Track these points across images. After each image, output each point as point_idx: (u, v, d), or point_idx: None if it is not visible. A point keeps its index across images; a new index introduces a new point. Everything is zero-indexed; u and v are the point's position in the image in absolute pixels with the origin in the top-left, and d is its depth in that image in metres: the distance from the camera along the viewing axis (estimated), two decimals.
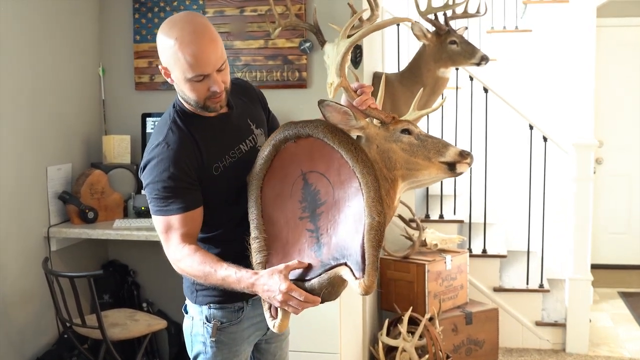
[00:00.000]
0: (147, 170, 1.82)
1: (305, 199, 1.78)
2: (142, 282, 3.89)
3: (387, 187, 1.80)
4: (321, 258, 1.71)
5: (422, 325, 3.63)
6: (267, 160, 1.84)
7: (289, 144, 1.83)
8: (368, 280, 1.65)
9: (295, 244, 1.77)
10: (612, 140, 6.24)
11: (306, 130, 1.80)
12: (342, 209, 1.73)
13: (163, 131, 1.85)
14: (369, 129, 1.85)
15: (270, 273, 1.69)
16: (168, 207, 1.80)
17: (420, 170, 1.81)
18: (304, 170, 1.80)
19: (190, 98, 1.82)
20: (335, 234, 1.72)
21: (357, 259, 1.66)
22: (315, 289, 1.70)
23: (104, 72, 3.85)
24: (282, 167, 1.82)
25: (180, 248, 1.80)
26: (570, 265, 4.46)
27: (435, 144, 1.81)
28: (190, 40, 1.73)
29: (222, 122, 1.92)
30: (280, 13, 3.48)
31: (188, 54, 1.73)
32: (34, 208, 3.35)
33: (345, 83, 1.87)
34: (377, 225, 1.66)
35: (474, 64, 3.58)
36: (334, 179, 1.75)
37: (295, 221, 1.78)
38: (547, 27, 5.43)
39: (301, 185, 1.79)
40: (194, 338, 1.98)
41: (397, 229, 4.38)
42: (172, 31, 1.76)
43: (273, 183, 1.83)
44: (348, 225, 1.70)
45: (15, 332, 3.23)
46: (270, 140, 1.85)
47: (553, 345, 4.50)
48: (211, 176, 1.85)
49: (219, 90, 1.79)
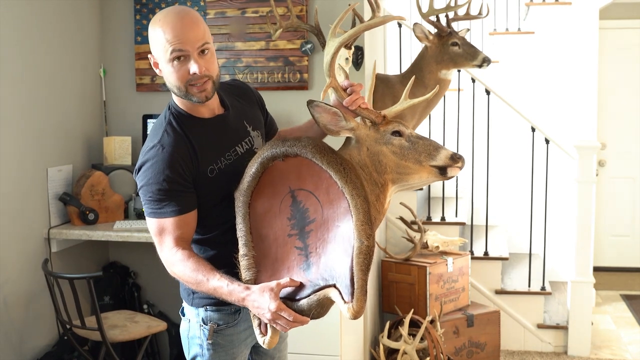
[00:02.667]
0: (141, 172, 1.82)
1: (294, 216, 1.75)
2: (142, 284, 3.89)
3: (377, 192, 1.79)
4: (310, 277, 1.69)
5: (424, 327, 3.61)
6: (255, 177, 1.79)
7: (277, 161, 1.79)
8: (357, 305, 1.62)
9: (284, 261, 1.75)
10: (615, 142, 6.22)
11: (294, 149, 1.75)
12: (331, 228, 1.70)
13: (158, 133, 1.84)
14: (359, 130, 1.83)
15: (261, 290, 1.68)
16: (162, 209, 1.79)
17: (410, 174, 1.79)
18: (292, 188, 1.76)
19: (172, 83, 1.81)
20: (324, 254, 1.69)
21: (346, 282, 1.64)
22: (304, 310, 1.69)
23: (105, 73, 3.85)
24: (271, 184, 1.78)
25: (174, 252, 1.79)
26: (573, 267, 4.45)
27: (426, 147, 1.79)
28: (170, 19, 1.78)
29: (218, 123, 1.91)
30: (282, 14, 3.47)
31: (168, 30, 1.76)
32: (35, 209, 3.34)
33: (335, 83, 1.84)
34: (366, 250, 1.63)
35: (476, 65, 3.56)
36: (322, 197, 1.72)
37: (284, 238, 1.75)
38: (550, 29, 5.42)
39: (290, 202, 1.76)
40: (191, 340, 1.97)
41: (399, 231, 4.37)
42: (156, 17, 1.81)
43: (261, 199, 1.79)
44: (337, 246, 1.68)
45: (15, 333, 3.23)
46: (257, 157, 1.80)
47: (555, 348, 4.49)
48: (206, 178, 1.85)
49: (198, 71, 1.77)
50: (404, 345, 3.61)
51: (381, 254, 4.21)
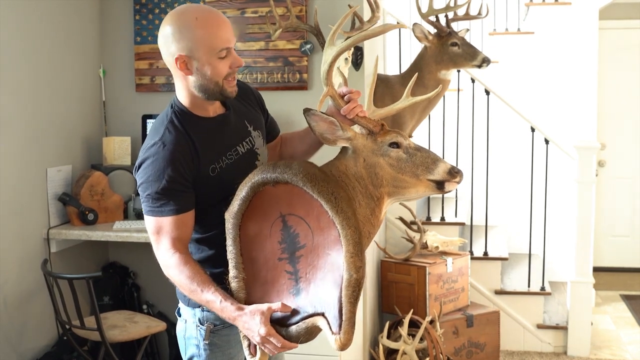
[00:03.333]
0: (142, 169, 1.81)
1: (285, 240, 1.73)
2: (142, 284, 3.88)
3: (373, 205, 1.77)
4: (299, 303, 1.69)
5: (423, 327, 3.61)
6: (245, 201, 1.76)
7: (268, 187, 1.74)
8: (344, 337, 1.62)
9: (274, 284, 1.74)
10: (615, 142, 6.22)
11: (285, 176, 1.70)
12: (321, 255, 1.68)
13: (160, 131, 1.84)
14: (356, 140, 1.80)
15: (252, 313, 1.68)
16: (160, 208, 1.79)
17: (407, 187, 1.76)
18: (283, 213, 1.73)
19: (211, 80, 1.81)
20: (314, 280, 1.69)
21: (334, 313, 1.63)
22: (292, 336, 1.69)
23: (104, 73, 3.84)
24: (261, 208, 1.76)
25: (171, 254, 1.79)
26: (572, 267, 4.45)
27: (424, 160, 1.76)
28: (211, 17, 1.79)
29: (220, 123, 1.91)
30: (281, 14, 3.47)
31: (213, 29, 1.77)
32: (34, 209, 3.34)
33: (332, 92, 1.82)
34: (354, 283, 1.61)
35: (476, 66, 3.56)
36: (313, 224, 1.70)
37: (275, 261, 1.74)
38: (550, 29, 5.42)
39: (280, 227, 1.74)
40: (188, 341, 1.97)
41: (398, 231, 4.37)
42: (186, 15, 1.79)
43: (252, 222, 1.77)
44: (326, 274, 1.67)
45: (14, 333, 3.23)
46: (248, 181, 1.77)
47: (554, 348, 4.49)
48: (207, 177, 1.84)
49: (241, 64, 1.83)
50: (404, 346, 3.61)
51: (381, 254, 4.21)
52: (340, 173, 1.81)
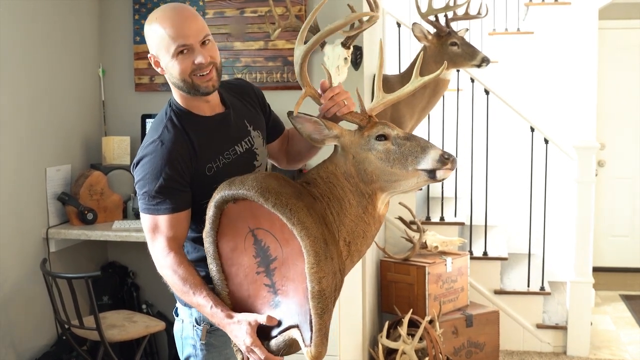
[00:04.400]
0: (139, 166, 1.82)
1: (258, 254, 1.71)
2: (141, 284, 3.88)
3: (365, 203, 1.75)
4: (279, 315, 1.70)
5: (422, 327, 3.61)
6: (214, 220, 1.74)
7: (230, 204, 1.71)
8: (315, 350, 1.61)
9: (256, 297, 1.73)
10: (615, 142, 6.22)
11: (241, 192, 1.66)
12: (291, 266, 1.67)
13: (158, 129, 1.84)
14: (343, 138, 1.78)
15: (240, 322, 1.69)
16: (157, 206, 1.79)
17: (398, 180, 1.71)
18: (251, 227, 1.71)
19: (177, 77, 1.81)
20: (288, 292, 1.68)
21: (306, 325, 1.63)
22: (273, 351, 1.70)
23: (103, 73, 3.84)
24: (230, 225, 1.74)
25: (165, 254, 1.79)
26: (572, 267, 4.45)
27: (413, 149, 1.69)
28: (169, 15, 1.79)
29: (219, 122, 1.91)
30: (280, 14, 3.47)
31: (168, 26, 1.77)
32: (33, 209, 3.34)
33: (310, 92, 1.80)
34: (318, 294, 1.59)
35: (475, 65, 3.56)
36: (279, 236, 1.67)
37: (254, 275, 1.73)
38: (549, 29, 5.42)
39: (252, 241, 1.72)
40: (185, 341, 1.96)
41: (398, 231, 4.37)
42: (153, 15, 1.82)
43: (226, 239, 1.75)
44: (298, 285, 1.66)
45: (13, 333, 3.22)
46: (211, 200, 1.73)
47: (554, 348, 4.48)
48: (204, 176, 1.84)
49: (204, 61, 1.79)
50: (403, 345, 3.61)
51: (380, 254, 4.21)
52: (329, 173, 1.79)
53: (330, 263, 1.63)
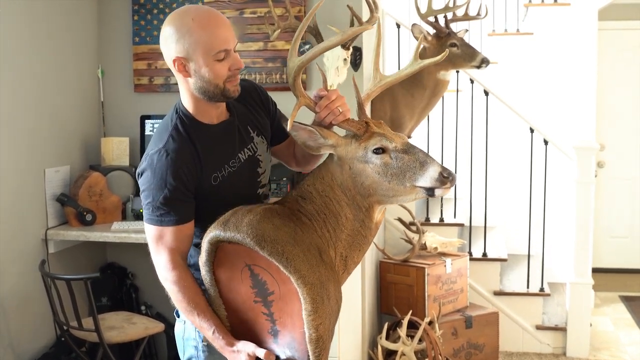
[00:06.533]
0: (144, 176, 1.79)
1: (255, 286, 1.70)
2: (140, 285, 3.87)
3: (362, 216, 1.73)
4: (276, 346, 1.71)
5: (422, 328, 3.60)
6: (210, 252, 1.72)
7: (224, 243, 1.69)
8: None
9: (255, 323, 1.73)
10: (614, 143, 6.22)
11: (236, 238, 1.64)
12: (288, 302, 1.66)
13: (164, 137, 1.81)
14: (339, 147, 1.74)
15: (238, 352, 1.70)
16: (161, 217, 1.77)
17: (396, 196, 1.68)
18: (247, 263, 1.70)
19: (211, 82, 1.78)
20: (286, 325, 1.68)
21: None
22: None
23: (102, 73, 3.84)
24: (226, 258, 1.72)
25: (170, 268, 1.77)
26: (572, 268, 4.45)
27: (412, 164, 1.65)
28: (209, 18, 1.76)
29: (224, 130, 1.88)
30: (280, 15, 3.46)
31: (210, 30, 1.74)
32: (32, 210, 3.33)
33: (305, 102, 1.77)
34: (316, 339, 1.61)
35: (475, 66, 3.56)
36: (276, 276, 1.66)
37: (251, 303, 1.72)
38: (549, 30, 5.42)
39: (249, 274, 1.70)
40: (186, 342, 1.95)
41: (397, 232, 4.37)
42: (185, 17, 1.76)
43: (223, 269, 1.74)
44: (296, 321, 1.66)
45: (12, 335, 3.22)
46: (206, 235, 1.71)
47: (554, 349, 4.48)
48: (210, 186, 1.82)
49: (241, 66, 1.79)
50: (402, 347, 3.60)
51: (379, 255, 4.20)
52: (325, 186, 1.76)
53: (328, 305, 1.63)
